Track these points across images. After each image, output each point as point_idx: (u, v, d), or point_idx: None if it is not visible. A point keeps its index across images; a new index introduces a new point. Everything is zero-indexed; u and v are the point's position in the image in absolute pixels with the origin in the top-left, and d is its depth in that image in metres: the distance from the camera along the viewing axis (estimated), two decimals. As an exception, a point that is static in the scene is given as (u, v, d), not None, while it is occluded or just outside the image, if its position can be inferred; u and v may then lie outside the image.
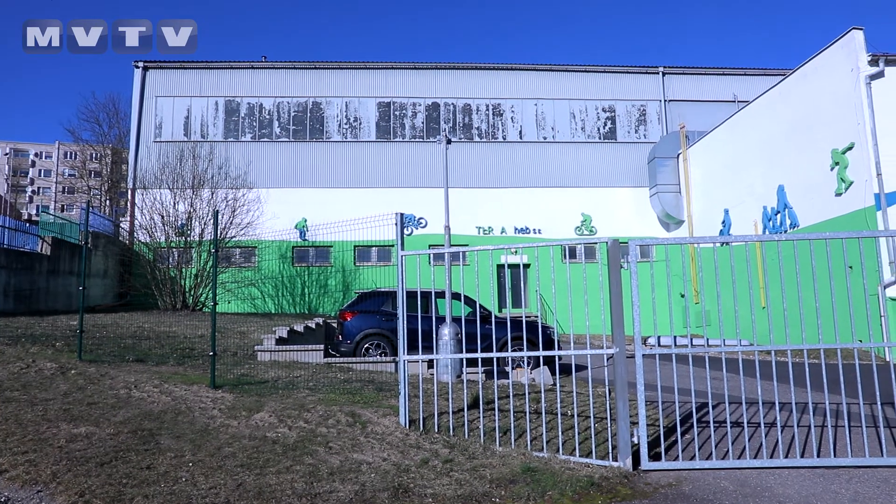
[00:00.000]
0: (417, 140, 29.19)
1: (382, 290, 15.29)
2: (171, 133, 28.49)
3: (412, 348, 8.72)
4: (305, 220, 27.27)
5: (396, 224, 7.61)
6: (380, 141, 29.12)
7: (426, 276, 19.25)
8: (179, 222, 21.80)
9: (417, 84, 29.69)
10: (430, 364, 12.28)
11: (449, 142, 19.63)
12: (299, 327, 16.04)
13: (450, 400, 7.39)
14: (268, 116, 28.96)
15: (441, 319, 12.37)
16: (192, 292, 20.87)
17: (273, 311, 25.70)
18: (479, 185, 28.89)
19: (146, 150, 27.65)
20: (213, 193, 22.28)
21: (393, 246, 7.13)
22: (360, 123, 29.22)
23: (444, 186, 17.99)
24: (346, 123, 29.16)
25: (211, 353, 9.10)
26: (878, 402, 6.57)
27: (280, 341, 14.18)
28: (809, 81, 19.68)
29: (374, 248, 27.63)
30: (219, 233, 15.33)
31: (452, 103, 29.66)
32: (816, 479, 5.79)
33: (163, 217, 21.70)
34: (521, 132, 29.72)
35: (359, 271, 27.32)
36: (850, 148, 17.74)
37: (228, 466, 5.70)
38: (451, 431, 7.04)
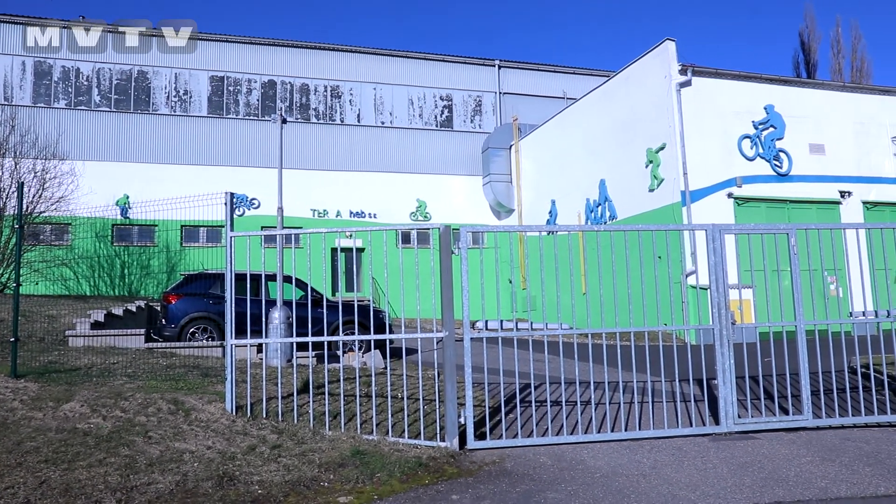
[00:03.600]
0: (252, 118, 28.15)
1: (211, 272, 14.72)
2: (-32, 94, 25.47)
3: (241, 332, 8.45)
4: (128, 197, 25.44)
5: (226, 204, 7.33)
6: (212, 117, 27.76)
7: (257, 258, 18.68)
8: (-24, 194, 19.57)
9: (253, 60, 28.55)
10: (260, 348, 11.98)
11: (284, 121, 19.14)
12: (118, 310, 15.04)
13: (279, 385, 7.25)
14: (86, 83, 26.63)
15: (272, 303, 12.11)
16: (-8, 272, 18.86)
17: (89, 294, 23.79)
18: (315, 168, 28.37)
19: (-65, 110, 24.51)
20: (17, 163, 20.20)
21: (223, 226, 6.86)
22: (191, 97, 27.67)
23: (279, 167, 17.55)
24: (175, 96, 27.49)
25: (12, 339, 8.29)
26: (677, 380, 7.24)
27: (96, 325, 13.20)
28: (630, 84, 21.16)
29: (202, 229, 26.36)
30: (24, 207, 13.97)
31: (290, 82, 28.87)
32: (623, 451, 6.29)
33: (-45, 188, 19.38)
34: (359, 116, 29.54)
35: (186, 252, 25.94)
36: (662, 148, 19.30)
37: (30, 462, 5.24)
38: (280, 417, 6.92)
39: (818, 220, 19.26)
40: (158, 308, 15.35)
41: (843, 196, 20.38)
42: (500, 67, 31.69)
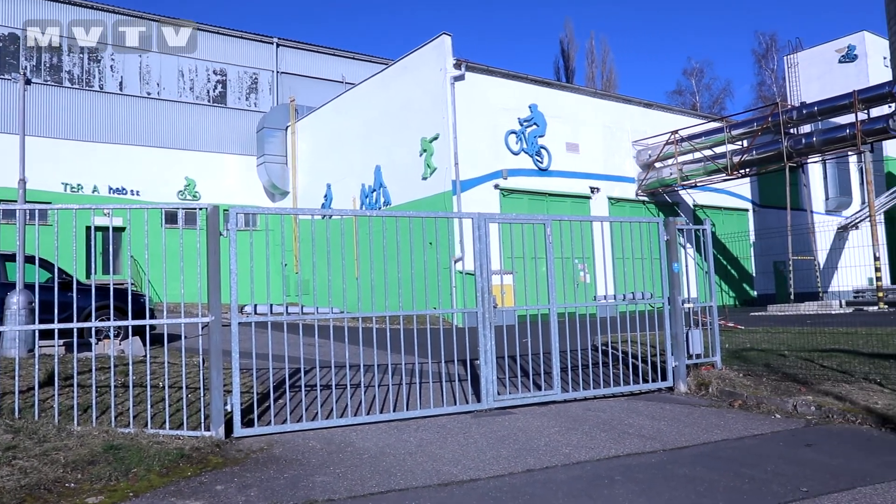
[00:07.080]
0: (-12, 75, 24.74)
1: (-69, 250, 12.81)
2: None
3: (-30, 319, 7.43)
4: None
5: (-48, 172, 6.39)
6: (-66, 69, 23.96)
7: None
8: None
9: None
10: (-5, 337, 10.64)
11: (29, 82, 17.05)
12: None
13: (16, 378, 6.48)
14: None
15: (10, 286, 10.82)
16: None
17: None
18: (68, 137, 25.62)
19: None
20: None
21: (-52, 198, 5.88)
22: None
23: (21, 133, 15.60)
24: None
25: None
26: (443, 361, 7.59)
27: None
28: (407, 74, 21.65)
29: (-79, 200, 22.74)
30: None
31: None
32: (392, 431, 6.47)
33: None
34: (121, 84, 27.15)
35: None
36: (436, 138, 20.01)
37: None
38: (18, 414, 6.20)
39: (572, 212, 21.18)
40: None
41: (592, 191, 22.60)
42: (278, 46, 30.83)
